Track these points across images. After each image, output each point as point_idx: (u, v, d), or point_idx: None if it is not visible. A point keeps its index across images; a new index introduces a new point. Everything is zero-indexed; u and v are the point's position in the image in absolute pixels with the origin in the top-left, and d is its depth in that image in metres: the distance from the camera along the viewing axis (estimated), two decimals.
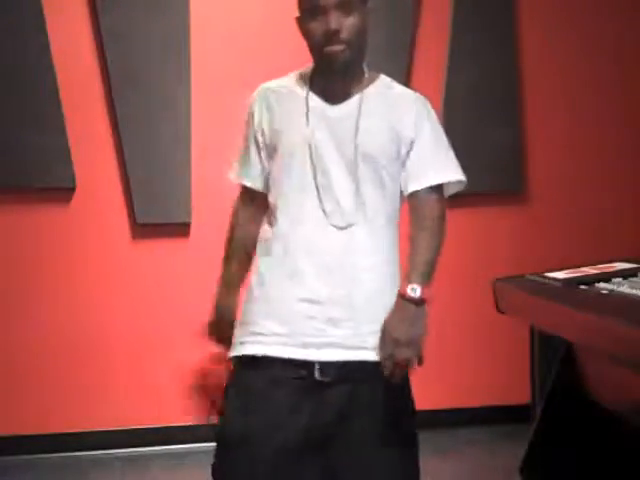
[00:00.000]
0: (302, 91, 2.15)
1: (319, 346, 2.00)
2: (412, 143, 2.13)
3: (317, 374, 2.00)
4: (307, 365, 2.00)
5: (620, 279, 2.98)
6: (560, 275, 3.18)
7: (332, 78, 2.13)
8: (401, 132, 2.12)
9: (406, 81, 4.73)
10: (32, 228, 4.45)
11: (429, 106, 2.20)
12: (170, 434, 4.42)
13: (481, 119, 4.79)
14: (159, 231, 4.53)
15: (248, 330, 2.08)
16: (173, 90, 4.49)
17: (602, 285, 2.93)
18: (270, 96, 2.18)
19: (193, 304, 4.50)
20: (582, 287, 2.99)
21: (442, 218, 2.22)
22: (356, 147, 2.07)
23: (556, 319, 2.86)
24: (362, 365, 2.01)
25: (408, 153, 2.13)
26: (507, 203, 4.89)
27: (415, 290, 2.07)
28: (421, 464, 2.17)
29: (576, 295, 2.92)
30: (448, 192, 2.22)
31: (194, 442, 4.40)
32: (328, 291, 2.03)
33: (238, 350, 2.09)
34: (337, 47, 2.08)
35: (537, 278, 3.27)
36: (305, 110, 2.10)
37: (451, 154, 2.19)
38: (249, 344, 2.06)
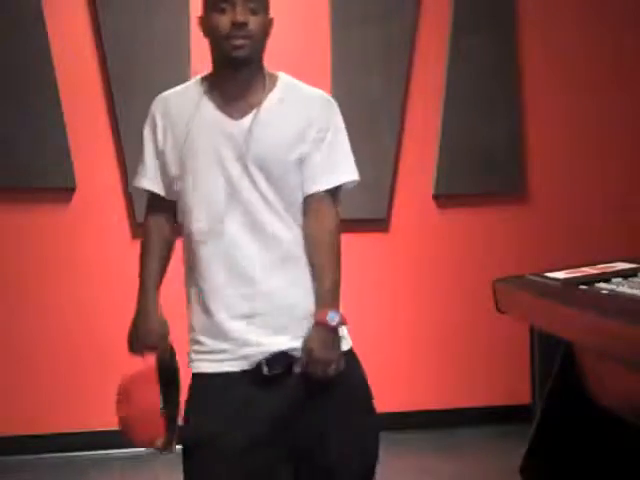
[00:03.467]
0: (200, 97, 2.16)
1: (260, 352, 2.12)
2: (310, 150, 2.13)
3: (265, 370, 2.11)
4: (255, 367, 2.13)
5: (620, 279, 2.98)
6: (560, 275, 3.18)
7: (233, 80, 2.13)
8: (300, 140, 2.13)
9: (406, 81, 4.74)
10: (32, 228, 4.45)
11: (332, 107, 2.20)
12: None
13: (481, 119, 4.79)
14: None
15: (197, 349, 2.21)
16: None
17: (602, 285, 2.93)
18: (170, 107, 2.24)
19: None
20: (582, 287, 2.98)
21: (337, 229, 2.18)
22: (253, 158, 2.09)
23: (556, 319, 2.85)
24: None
25: (306, 159, 2.13)
26: (507, 203, 4.89)
27: (334, 318, 2.12)
28: (421, 463, 2.18)
29: (576, 295, 2.92)
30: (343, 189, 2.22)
31: None
32: (249, 305, 2.12)
33: (193, 367, 2.21)
34: (241, 41, 2.07)
35: (537, 278, 3.27)
36: (204, 120, 2.12)
37: (346, 154, 2.20)
38: (198, 362, 2.19)
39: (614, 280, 2.98)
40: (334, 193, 2.18)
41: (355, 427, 2.19)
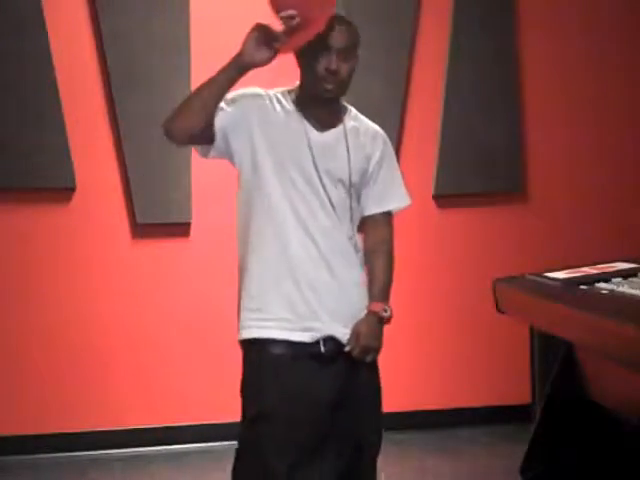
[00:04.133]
0: (294, 110, 2.44)
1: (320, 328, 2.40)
2: (373, 173, 2.53)
3: (322, 349, 2.38)
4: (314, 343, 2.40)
5: (620, 279, 2.99)
6: (560, 275, 3.19)
7: (319, 105, 2.44)
8: (368, 163, 2.52)
9: (406, 81, 4.74)
10: (32, 228, 4.45)
11: (388, 141, 2.62)
12: (170, 434, 4.42)
13: (481, 119, 4.79)
14: (159, 231, 4.53)
15: (259, 316, 2.41)
16: (173, 90, 4.49)
17: (602, 285, 2.93)
18: (270, 101, 2.47)
19: (193, 304, 4.51)
20: (582, 287, 2.99)
21: (391, 241, 2.57)
22: (348, 173, 2.44)
23: (556, 319, 2.86)
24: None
25: (369, 182, 2.52)
26: (507, 203, 4.89)
27: (387, 311, 2.44)
28: (421, 463, 2.20)
29: (576, 295, 2.92)
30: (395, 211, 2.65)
31: (194, 442, 4.40)
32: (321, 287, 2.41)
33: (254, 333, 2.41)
34: (332, 85, 2.37)
35: (537, 278, 3.27)
36: (304, 132, 2.42)
37: (401, 182, 2.67)
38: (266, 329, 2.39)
39: (614, 280, 2.98)
40: (388, 213, 2.59)
41: (376, 414, 2.50)
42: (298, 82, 2.48)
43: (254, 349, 2.39)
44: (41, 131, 4.37)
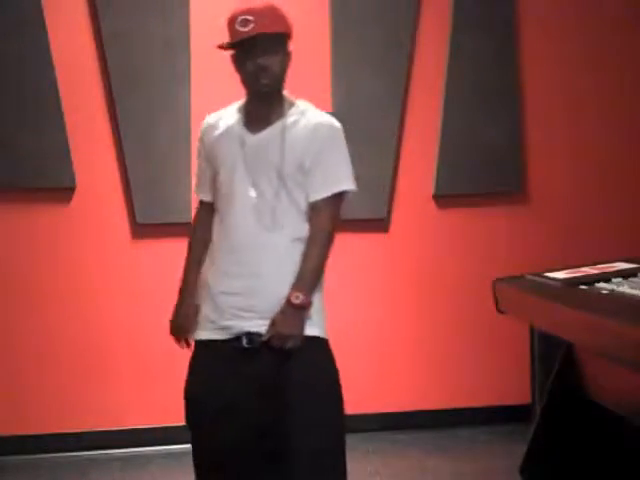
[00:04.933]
0: (235, 121, 2.58)
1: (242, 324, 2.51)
2: (312, 164, 2.53)
3: (244, 343, 2.49)
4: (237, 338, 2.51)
5: (620, 279, 2.98)
6: (560, 275, 3.18)
7: (258, 105, 2.55)
8: (306, 156, 2.53)
9: (406, 81, 4.74)
10: (32, 228, 4.45)
11: (331, 129, 2.59)
12: (170, 434, 4.42)
13: (481, 119, 4.79)
14: (159, 231, 4.53)
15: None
16: (173, 90, 4.49)
17: (602, 285, 2.93)
18: (211, 127, 2.64)
19: None
20: (582, 287, 2.99)
21: (330, 230, 2.57)
22: (277, 169, 2.49)
23: (556, 319, 2.86)
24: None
25: (309, 173, 2.53)
26: (507, 203, 4.89)
27: (298, 297, 2.46)
28: (421, 463, 2.19)
29: (576, 295, 2.92)
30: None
31: None
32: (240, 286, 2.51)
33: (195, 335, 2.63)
34: (265, 81, 2.47)
35: (537, 278, 3.27)
36: (239, 136, 2.55)
37: (344, 169, 2.60)
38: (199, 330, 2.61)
39: (614, 280, 2.98)
40: (332, 201, 2.55)
41: (314, 406, 2.49)
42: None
43: (194, 347, 2.63)
44: (41, 131, 4.37)
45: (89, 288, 4.49)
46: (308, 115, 2.57)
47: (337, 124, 2.62)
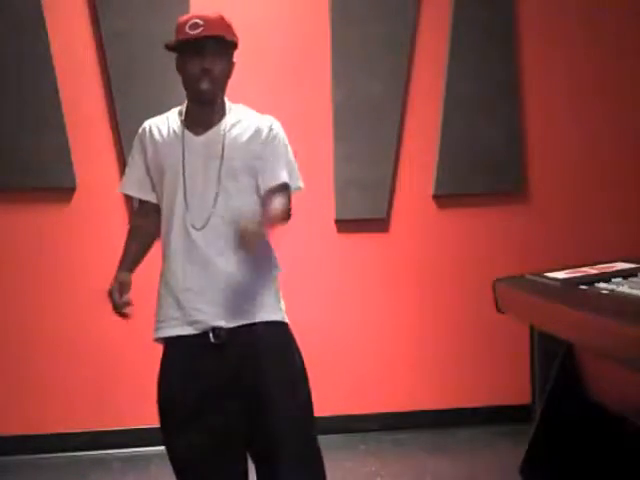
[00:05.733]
0: (177, 124, 2.62)
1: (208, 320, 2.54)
2: (258, 163, 2.58)
3: (212, 338, 2.51)
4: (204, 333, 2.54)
5: (620, 279, 2.98)
6: (560, 275, 3.18)
7: (200, 109, 2.60)
8: (252, 156, 2.58)
9: (406, 81, 4.74)
10: (32, 228, 4.45)
11: (274, 127, 2.62)
12: None
13: (481, 119, 4.79)
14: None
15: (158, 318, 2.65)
16: (173, 90, 4.48)
17: (602, 285, 2.93)
18: (151, 133, 2.66)
19: None
20: (582, 287, 2.98)
21: (287, 207, 2.60)
22: (220, 166, 2.54)
23: (556, 319, 2.86)
24: (242, 327, 2.53)
25: (258, 171, 2.58)
26: (507, 203, 4.89)
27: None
28: (421, 463, 2.18)
29: (576, 295, 2.92)
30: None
31: None
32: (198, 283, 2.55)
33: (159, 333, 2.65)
34: (207, 85, 2.53)
35: (537, 278, 3.27)
36: (181, 138, 2.58)
37: (289, 166, 2.63)
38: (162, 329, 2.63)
39: (614, 280, 2.98)
40: (286, 189, 2.60)
41: (284, 394, 2.53)
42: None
43: (164, 348, 2.64)
44: (41, 131, 4.37)
45: (88, 288, 4.49)
46: (249, 115, 2.63)
47: (278, 122, 2.67)
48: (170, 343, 2.61)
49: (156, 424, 4.68)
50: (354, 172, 4.67)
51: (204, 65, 2.51)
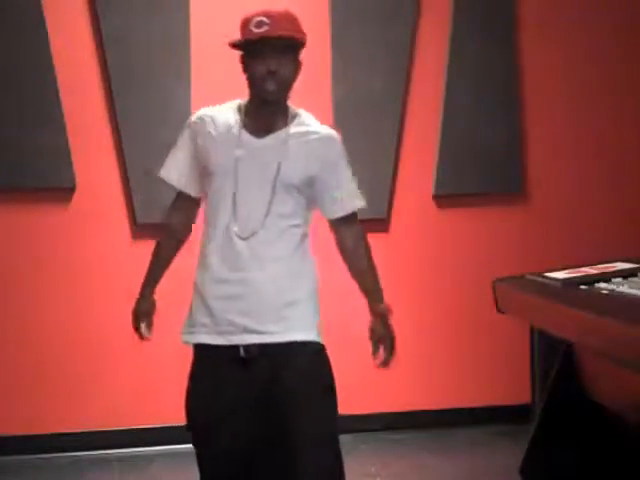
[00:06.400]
0: (235, 121, 2.49)
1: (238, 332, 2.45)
2: (328, 177, 2.52)
3: (242, 353, 2.42)
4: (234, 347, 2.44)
5: (620, 279, 2.99)
6: (560, 275, 3.19)
7: (263, 111, 2.47)
8: (317, 169, 2.49)
9: (406, 81, 4.74)
10: (32, 228, 4.45)
11: (339, 144, 2.56)
12: (170, 434, 4.41)
13: (481, 119, 4.79)
14: (159, 231, 4.52)
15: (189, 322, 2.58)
16: (173, 90, 4.49)
17: (602, 285, 2.93)
18: (206, 123, 2.53)
19: None
20: (582, 287, 2.99)
21: (365, 238, 2.71)
22: (277, 175, 2.43)
23: (556, 319, 2.86)
24: (274, 345, 2.43)
25: (325, 185, 2.52)
26: (507, 203, 4.89)
27: (383, 307, 2.63)
28: (421, 463, 2.19)
29: (576, 295, 2.92)
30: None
31: None
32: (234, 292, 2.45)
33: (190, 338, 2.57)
34: (273, 86, 2.40)
35: (537, 278, 3.27)
36: (237, 137, 2.46)
37: (355, 185, 2.62)
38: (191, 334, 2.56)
39: (614, 280, 2.98)
40: (355, 215, 2.62)
41: (314, 407, 2.46)
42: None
43: (194, 352, 2.55)
44: (41, 131, 4.37)
45: (89, 288, 4.49)
46: (314, 126, 2.52)
47: (336, 135, 2.59)
48: (199, 349, 2.52)
49: (156, 424, 4.70)
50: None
51: (270, 67, 2.37)
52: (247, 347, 2.40)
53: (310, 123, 2.52)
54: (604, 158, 4.94)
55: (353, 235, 2.64)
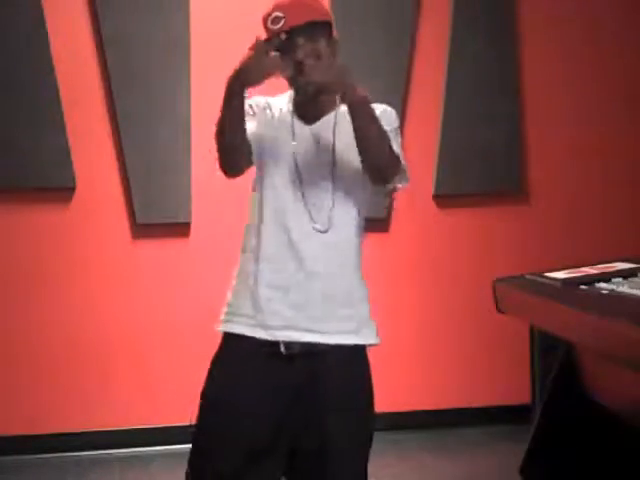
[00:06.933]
0: (287, 109, 2.37)
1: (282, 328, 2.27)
2: None
3: (282, 349, 2.25)
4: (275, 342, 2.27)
5: (620, 279, 2.98)
6: (560, 275, 3.18)
7: (306, 99, 2.33)
8: None
9: (406, 81, 4.74)
10: (32, 228, 4.45)
11: (392, 112, 2.54)
12: (170, 434, 4.42)
13: (481, 119, 4.79)
14: (159, 231, 4.53)
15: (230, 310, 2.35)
16: (173, 90, 4.49)
17: (602, 285, 2.93)
18: (263, 106, 2.40)
19: (193, 304, 4.50)
20: (582, 287, 2.98)
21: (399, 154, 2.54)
22: (333, 162, 2.32)
23: (556, 319, 2.86)
24: (317, 345, 2.28)
25: None
26: (507, 203, 4.89)
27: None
28: (421, 463, 2.19)
29: (576, 295, 2.92)
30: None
31: None
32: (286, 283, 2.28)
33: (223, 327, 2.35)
34: (303, 80, 2.24)
35: (537, 278, 3.27)
36: (290, 126, 2.34)
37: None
38: (230, 323, 2.33)
39: (614, 280, 2.98)
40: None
41: (351, 418, 2.33)
42: None
43: (223, 341, 2.36)
44: (41, 131, 4.37)
45: (89, 288, 4.49)
46: None
47: (389, 108, 2.54)
48: (235, 339, 2.30)
49: (156, 424, 4.70)
50: None
51: (297, 58, 2.21)
52: (289, 343, 2.24)
53: None
54: (604, 158, 4.94)
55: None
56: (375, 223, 4.74)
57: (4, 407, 4.40)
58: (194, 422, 2.34)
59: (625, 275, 3.02)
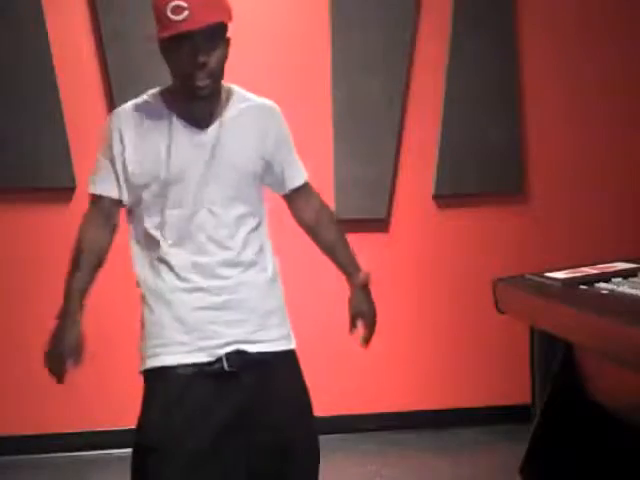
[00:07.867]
0: (163, 113, 2.27)
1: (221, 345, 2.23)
2: (275, 153, 2.32)
3: (225, 365, 2.21)
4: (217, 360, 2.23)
5: (620, 279, 2.98)
6: (560, 275, 3.18)
7: (195, 103, 2.21)
8: (264, 146, 2.30)
9: (406, 81, 4.74)
10: (32, 228, 4.45)
11: (280, 112, 2.37)
12: None
13: (481, 119, 4.79)
14: None
15: (155, 343, 2.34)
16: None
17: (602, 285, 2.93)
18: (129, 121, 2.34)
19: None
20: (582, 287, 2.98)
21: (325, 204, 2.51)
22: (222, 167, 2.22)
23: (556, 319, 2.86)
24: (260, 355, 2.27)
25: (273, 161, 2.33)
26: (507, 203, 4.89)
27: (363, 275, 2.58)
28: (421, 463, 2.18)
29: (576, 295, 2.92)
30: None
31: None
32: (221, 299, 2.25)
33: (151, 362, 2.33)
34: (204, 81, 2.14)
35: (537, 278, 3.27)
36: (168, 137, 2.22)
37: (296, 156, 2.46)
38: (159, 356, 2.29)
39: (614, 280, 2.98)
40: (307, 183, 2.46)
41: (301, 424, 2.34)
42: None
43: (150, 378, 2.33)
44: (41, 131, 4.37)
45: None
46: (251, 105, 2.30)
47: (276, 106, 2.39)
48: (166, 372, 2.25)
49: None
50: (354, 172, 4.67)
51: (198, 59, 2.08)
52: (229, 358, 2.20)
53: (246, 102, 2.30)
54: (604, 158, 4.94)
55: (314, 203, 2.46)
56: (375, 223, 4.74)
57: (4, 407, 4.40)
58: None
59: (625, 275, 3.02)
